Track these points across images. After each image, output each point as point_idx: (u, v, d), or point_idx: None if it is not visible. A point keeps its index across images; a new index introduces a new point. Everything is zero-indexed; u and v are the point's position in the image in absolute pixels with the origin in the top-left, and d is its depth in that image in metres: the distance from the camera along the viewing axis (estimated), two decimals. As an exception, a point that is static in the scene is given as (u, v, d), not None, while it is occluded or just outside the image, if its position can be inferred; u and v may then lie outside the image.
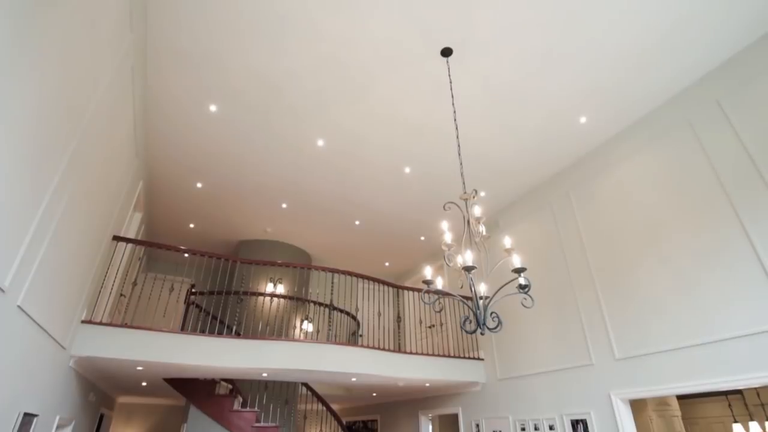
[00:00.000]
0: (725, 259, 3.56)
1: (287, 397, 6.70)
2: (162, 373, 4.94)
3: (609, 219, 4.68)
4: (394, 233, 7.32)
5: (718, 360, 3.46)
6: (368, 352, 5.02)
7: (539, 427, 4.87)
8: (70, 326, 3.52)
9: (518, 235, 5.89)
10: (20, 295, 2.34)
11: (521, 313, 5.49)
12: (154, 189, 6.00)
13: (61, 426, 4.16)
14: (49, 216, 2.50)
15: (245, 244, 7.71)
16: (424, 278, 2.58)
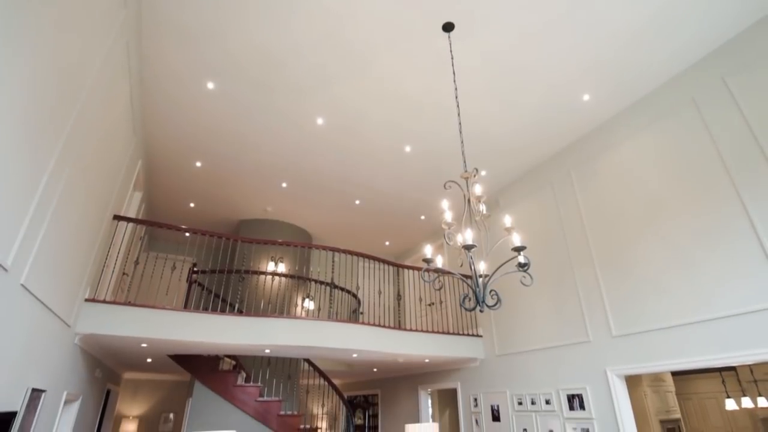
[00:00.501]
0: (724, 238, 3.57)
1: (290, 372, 6.84)
2: (166, 350, 5.03)
3: (610, 198, 4.67)
4: (395, 212, 7.32)
5: (713, 337, 3.52)
6: (369, 329, 5.10)
7: (536, 402, 4.99)
8: (73, 304, 3.56)
9: (518, 214, 5.89)
10: (23, 273, 2.36)
11: (520, 291, 5.55)
12: (154, 168, 5.97)
13: (68, 401, 4.27)
14: (48, 195, 2.50)
15: (246, 223, 7.72)
16: (424, 257, 2.59)
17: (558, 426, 4.65)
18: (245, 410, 5.43)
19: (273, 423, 5.49)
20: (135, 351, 5.07)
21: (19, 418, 2.64)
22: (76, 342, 3.92)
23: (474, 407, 5.93)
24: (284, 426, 5.54)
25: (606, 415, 4.21)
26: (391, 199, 6.83)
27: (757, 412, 6.61)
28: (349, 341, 4.89)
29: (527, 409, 5.08)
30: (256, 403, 5.52)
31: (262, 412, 5.50)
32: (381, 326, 5.22)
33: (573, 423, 4.49)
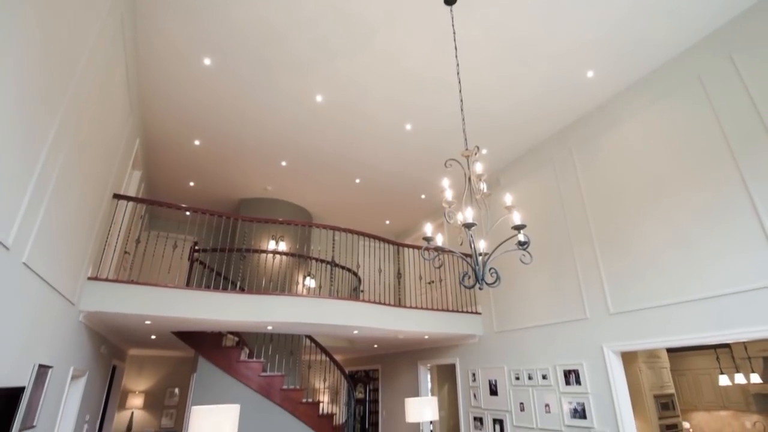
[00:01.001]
0: (724, 217, 3.57)
1: (292, 348, 6.97)
2: (170, 327, 5.11)
3: (611, 176, 4.65)
4: (395, 191, 7.30)
5: (710, 315, 3.56)
6: (369, 306, 5.16)
7: (533, 377, 5.09)
8: (76, 283, 3.60)
9: (519, 192, 5.88)
10: (25, 252, 2.37)
11: (519, 269, 5.59)
12: (152, 146, 5.93)
13: (75, 377, 4.36)
14: (46, 173, 2.48)
15: (246, 202, 7.71)
16: (425, 235, 2.59)
17: (554, 400, 4.76)
18: (249, 385, 5.55)
19: (276, 397, 5.63)
20: (139, 328, 5.15)
21: (28, 392, 2.70)
22: (81, 319, 3.97)
23: (472, 382, 6.06)
24: (287, 400, 5.68)
25: (601, 390, 4.30)
26: (392, 177, 6.80)
27: (749, 387, 6.76)
28: (349, 318, 4.95)
29: (524, 383, 5.19)
30: (260, 378, 5.64)
31: (266, 387, 5.63)
32: (381, 304, 5.28)
33: (569, 397, 4.60)
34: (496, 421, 5.48)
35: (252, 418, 5.42)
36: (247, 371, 5.63)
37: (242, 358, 5.73)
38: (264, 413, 5.53)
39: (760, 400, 6.77)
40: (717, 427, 7.30)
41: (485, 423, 5.66)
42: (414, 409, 5.13)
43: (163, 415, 9.34)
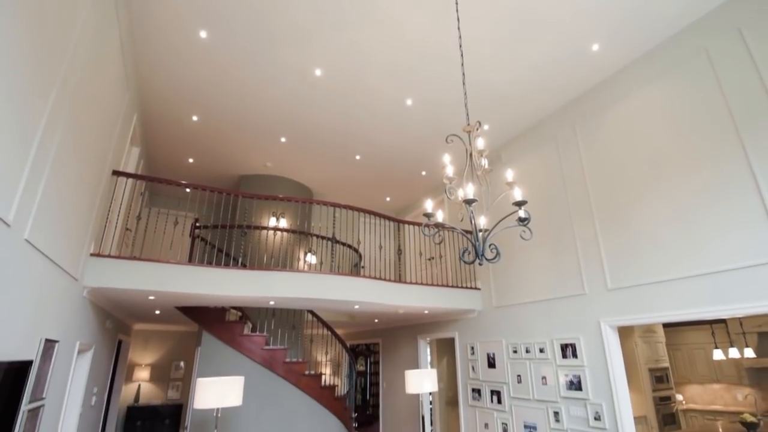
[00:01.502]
0: (726, 194, 3.55)
1: (294, 323, 7.08)
2: (173, 302, 5.18)
3: (614, 153, 4.61)
4: (395, 168, 7.26)
5: (708, 291, 3.59)
6: (370, 282, 5.21)
7: (530, 350, 5.19)
8: (79, 259, 3.62)
9: (520, 169, 5.84)
10: (26, 228, 2.37)
11: (519, 245, 5.61)
12: (150, 122, 5.86)
13: (82, 351, 4.45)
14: (44, 150, 2.46)
15: (246, 179, 7.69)
16: (425, 211, 2.59)
17: (551, 372, 4.87)
18: (252, 358, 5.67)
19: (279, 369, 5.76)
20: (143, 303, 5.22)
21: (35, 366, 2.76)
22: (85, 295, 4.02)
23: (471, 355, 6.19)
24: (290, 372, 5.82)
25: (597, 363, 4.40)
26: (392, 154, 6.74)
27: (743, 362, 6.89)
28: (350, 293, 5.01)
29: (522, 356, 5.30)
30: (263, 351, 5.76)
31: (269, 360, 5.75)
32: (382, 279, 5.33)
33: (565, 370, 4.70)
34: (494, 392, 5.62)
35: (256, 390, 5.56)
36: (251, 345, 5.74)
37: (245, 332, 5.83)
38: (267, 385, 5.67)
39: (753, 373, 6.92)
40: (709, 399, 7.49)
41: (483, 394, 5.81)
42: (414, 381, 5.26)
43: (170, 387, 9.59)
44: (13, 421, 2.38)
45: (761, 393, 6.82)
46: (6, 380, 2.20)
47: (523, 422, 5.12)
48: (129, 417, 8.79)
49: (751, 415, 4.90)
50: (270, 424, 5.51)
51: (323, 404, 5.91)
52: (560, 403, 4.69)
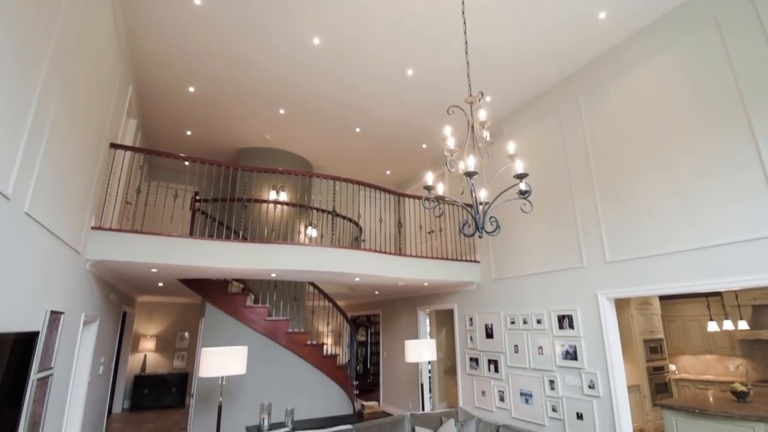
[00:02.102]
0: (729, 167, 3.52)
1: (296, 294, 7.19)
2: (176, 275, 5.23)
3: (617, 126, 4.55)
4: (396, 140, 7.18)
5: (706, 264, 3.62)
6: (371, 255, 5.25)
7: (527, 321, 5.29)
8: (81, 232, 3.63)
9: (522, 141, 5.78)
10: (26, 202, 2.37)
11: (518, 219, 5.62)
12: (146, 94, 5.75)
13: (87, 322, 4.53)
14: (39, 123, 2.43)
15: (245, 151, 7.62)
16: (426, 184, 2.58)
17: (547, 343, 4.98)
18: (255, 328, 5.79)
19: (282, 339, 5.89)
20: (146, 276, 5.28)
21: (42, 337, 2.81)
22: (88, 268, 4.06)
23: (469, 326, 6.31)
24: (293, 342, 5.95)
25: (593, 333, 4.48)
26: (393, 126, 6.66)
27: (736, 333, 7.02)
28: (351, 266, 5.06)
29: (519, 327, 5.40)
30: (266, 322, 5.87)
31: (272, 330, 5.87)
32: (382, 252, 5.37)
33: (561, 340, 4.80)
34: (491, 361, 5.76)
35: (259, 359, 5.70)
36: (253, 316, 5.84)
37: (248, 304, 5.92)
38: (271, 354, 5.81)
39: (745, 345, 7.07)
40: (701, 369, 7.68)
41: (481, 363, 5.96)
42: (413, 350, 5.39)
43: (175, 357, 9.84)
44: (23, 389, 2.45)
45: (752, 363, 6.99)
46: (15, 350, 2.25)
47: (519, 390, 5.27)
48: (136, 385, 9.05)
49: (741, 385, 5.03)
50: (274, 391, 5.68)
51: (325, 372, 6.08)
52: (556, 372, 4.82)
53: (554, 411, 4.77)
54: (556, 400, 4.77)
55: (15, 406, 2.37)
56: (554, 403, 4.78)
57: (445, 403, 8.16)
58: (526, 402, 5.16)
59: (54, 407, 3.42)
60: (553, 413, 4.78)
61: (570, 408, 4.59)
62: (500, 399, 5.56)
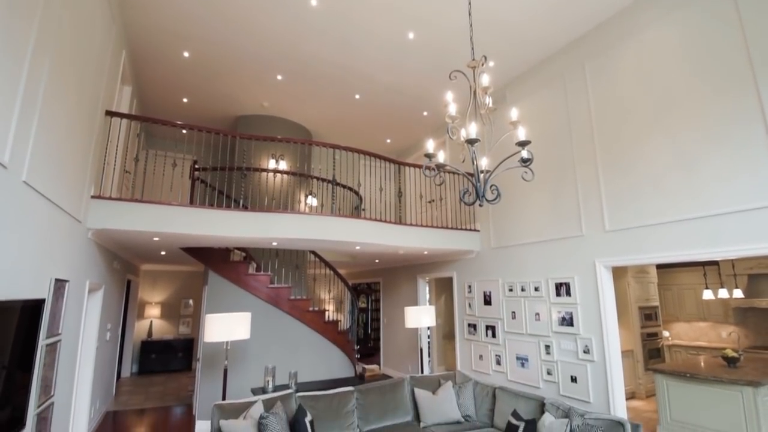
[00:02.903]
0: (734, 136, 3.47)
1: (297, 263, 7.27)
2: (177, 243, 5.27)
3: (622, 93, 4.44)
4: (396, 108, 7.05)
5: (705, 233, 3.63)
6: (371, 223, 5.27)
7: (525, 289, 5.37)
8: (81, 201, 3.63)
9: (525, 109, 5.67)
10: (23, 170, 2.35)
11: (519, 187, 5.60)
12: (140, 59, 5.60)
13: (92, 290, 4.61)
14: (32, 90, 2.37)
15: (243, 119, 7.50)
16: (426, 152, 2.55)
17: (544, 309, 5.07)
18: (258, 295, 5.89)
19: (284, 306, 6.01)
20: (148, 244, 5.32)
21: (48, 304, 2.86)
22: (90, 236, 4.09)
23: (468, 293, 6.41)
24: (295, 308, 6.07)
25: (590, 301, 4.56)
26: (393, 92, 6.52)
27: (730, 302, 7.14)
28: (352, 234, 5.09)
29: (517, 294, 5.49)
30: (268, 289, 5.97)
31: (274, 297, 5.98)
32: (382, 221, 5.39)
33: (558, 307, 4.89)
34: (489, 327, 5.90)
35: (263, 325, 5.83)
36: (256, 283, 5.93)
37: (250, 272, 6.00)
38: (274, 320, 5.94)
39: (739, 313, 7.20)
40: (694, 336, 7.86)
41: (478, 329, 6.10)
42: (413, 317, 5.51)
43: (180, 324, 10.07)
44: (33, 354, 2.52)
45: (745, 331, 7.15)
46: (23, 318, 2.30)
47: (516, 354, 5.42)
48: (144, 351, 9.31)
49: (732, 351, 5.16)
50: (277, 355, 5.85)
51: (327, 337, 6.24)
52: (552, 338, 4.94)
53: (549, 374, 4.92)
54: (551, 364, 4.91)
55: (26, 370, 2.45)
56: (549, 367, 4.93)
57: (444, 366, 8.41)
58: (522, 366, 5.32)
59: (64, 371, 3.53)
60: (548, 376, 4.94)
61: (565, 371, 4.73)
62: (497, 363, 5.73)
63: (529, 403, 3.99)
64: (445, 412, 4.37)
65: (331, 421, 4.11)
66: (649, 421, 5.48)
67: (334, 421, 4.12)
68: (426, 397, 4.47)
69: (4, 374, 2.09)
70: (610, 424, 3.22)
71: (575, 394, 4.58)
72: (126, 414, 6.30)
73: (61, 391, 3.46)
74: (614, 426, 3.19)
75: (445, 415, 4.37)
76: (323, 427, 4.05)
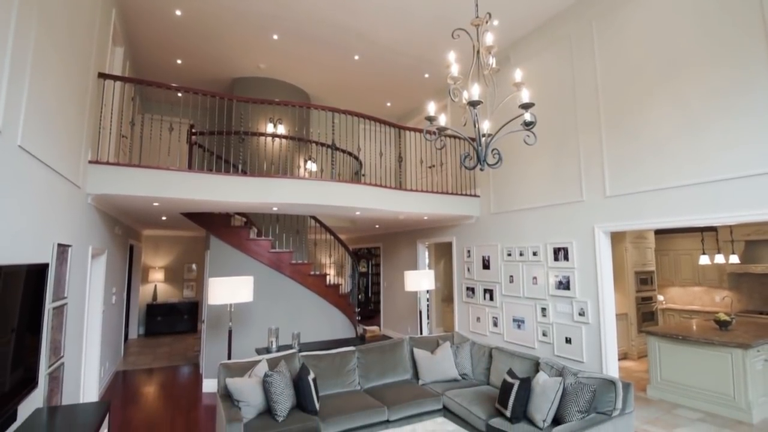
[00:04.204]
0: (741, 100, 3.39)
1: (298, 228, 7.31)
2: (177, 208, 5.28)
3: (630, 54, 4.30)
4: (397, 69, 6.86)
5: (706, 198, 3.62)
6: (371, 188, 5.26)
7: (524, 253, 5.43)
8: (78, 166, 3.60)
9: (530, 71, 5.51)
10: (18, 135, 2.31)
11: (521, 152, 5.54)
12: (131, 19, 5.39)
13: (95, 255, 4.65)
14: (20, 52, 2.29)
15: (239, 82, 7.32)
16: (427, 114, 2.49)
17: (542, 273, 5.15)
18: (260, 260, 5.96)
19: (286, 270, 6.09)
20: (148, 210, 5.33)
21: (52, 268, 2.90)
22: (90, 202, 4.08)
23: (467, 258, 6.49)
24: (297, 272, 6.16)
25: (587, 265, 4.62)
26: (393, 54, 6.31)
27: (726, 267, 7.23)
28: (352, 200, 5.09)
29: (515, 259, 5.56)
30: (269, 254, 6.03)
31: (276, 261, 6.05)
32: (382, 186, 5.37)
33: (555, 271, 4.96)
34: (487, 290, 6.01)
35: (265, 288, 5.94)
36: (257, 248, 5.99)
37: (251, 237, 6.04)
38: (276, 284, 6.04)
39: (734, 278, 7.31)
40: (688, 300, 8.02)
41: (477, 292, 6.22)
42: (412, 280, 5.60)
43: (184, 287, 10.26)
44: (40, 317, 2.58)
45: (738, 295, 7.28)
46: (29, 282, 2.33)
47: (512, 317, 5.55)
48: (149, 314, 9.54)
49: (725, 314, 5.28)
50: (280, 317, 5.99)
51: (329, 300, 6.37)
52: (548, 301, 5.04)
53: (544, 335, 5.06)
54: (546, 325, 5.04)
55: (35, 333, 2.51)
56: (545, 329, 5.06)
57: (442, 328, 8.65)
58: (518, 327, 5.46)
59: (72, 333, 3.62)
60: (543, 337, 5.08)
61: (560, 333, 4.86)
62: (494, 325, 5.88)
63: (524, 363, 4.12)
64: (442, 371, 4.53)
65: (334, 379, 4.26)
66: (639, 381, 5.69)
67: (337, 379, 4.28)
68: (424, 357, 4.62)
69: (14, 337, 2.15)
70: (601, 382, 3.34)
71: (569, 355, 4.72)
72: (135, 373, 6.54)
73: (70, 352, 3.57)
74: (606, 384, 3.31)
75: (443, 373, 4.53)
76: (326, 385, 4.21)
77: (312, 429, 3.45)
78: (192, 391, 5.61)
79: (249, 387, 3.56)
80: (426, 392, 4.19)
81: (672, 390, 4.99)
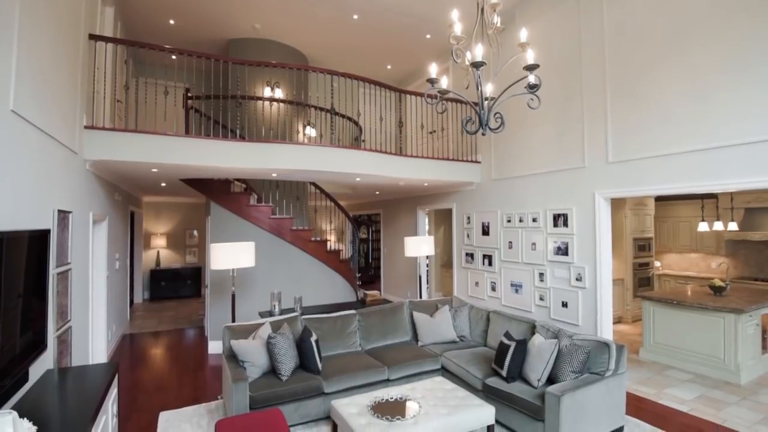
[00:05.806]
0: (750, 66, 3.29)
1: (298, 194, 7.30)
2: (176, 174, 5.25)
3: (639, 14, 4.13)
4: (397, 30, 6.62)
5: (709, 165, 3.58)
6: (371, 154, 5.20)
7: (523, 219, 5.44)
8: (74, 132, 3.54)
9: (535, 31, 5.30)
10: (9, 99, 2.26)
11: (523, 118, 5.43)
12: (118, -26, 5.15)
13: (96, 221, 4.67)
14: (5, 15, 2.20)
15: (235, 43, 7.09)
16: (429, 77, 2.43)
17: (540, 239, 5.19)
18: (261, 226, 5.99)
19: (287, 236, 6.13)
20: (147, 176, 5.30)
21: (54, 234, 2.91)
22: (88, 168, 4.05)
23: (467, 224, 6.52)
24: (298, 238, 6.20)
25: (586, 231, 4.64)
26: (394, 13, 6.07)
27: (724, 234, 7.25)
28: (352, 166, 5.05)
29: (515, 225, 5.58)
30: (270, 220, 6.06)
31: (276, 227, 6.08)
32: (383, 152, 5.31)
33: (554, 237, 4.99)
34: (486, 256, 6.08)
35: (267, 254, 6.00)
36: (258, 214, 6.00)
37: (251, 203, 6.04)
38: (277, 249, 6.10)
39: (731, 245, 7.35)
40: (685, 266, 8.11)
41: (476, 258, 6.29)
42: (412, 246, 5.65)
43: (187, 253, 10.37)
44: (45, 282, 2.61)
45: (734, 262, 7.35)
46: (32, 248, 2.35)
47: (510, 281, 5.64)
48: (153, 279, 9.69)
49: (720, 280, 5.35)
50: (282, 282, 6.09)
51: (330, 266, 6.45)
52: (546, 266, 5.10)
53: (541, 300, 5.16)
54: (544, 290, 5.12)
55: (42, 298, 2.55)
56: (542, 293, 5.15)
57: (441, 292, 8.81)
58: (516, 292, 5.56)
59: (78, 298, 3.69)
60: (540, 302, 5.18)
61: (556, 297, 4.95)
62: (492, 289, 5.98)
63: (521, 326, 4.23)
64: (441, 333, 4.65)
65: (335, 341, 4.38)
66: (633, 343, 5.85)
67: (338, 341, 4.40)
68: (424, 320, 4.73)
69: (21, 302, 2.18)
70: (596, 344, 3.43)
71: (565, 318, 4.83)
72: (142, 336, 6.72)
73: (77, 316, 3.65)
74: (600, 346, 3.40)
75: (442, 335, 4.65)
76: (328, 347, 4.33)
77: (315, 387, 3.59)
78: (198, 353, 5.79)
79: (253, 348, 3.67)
80: (425, 353, 4.32)
81: (664, 352, 5.14)
